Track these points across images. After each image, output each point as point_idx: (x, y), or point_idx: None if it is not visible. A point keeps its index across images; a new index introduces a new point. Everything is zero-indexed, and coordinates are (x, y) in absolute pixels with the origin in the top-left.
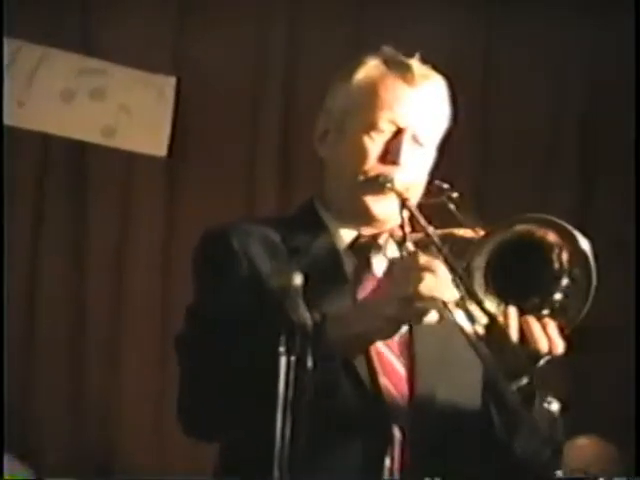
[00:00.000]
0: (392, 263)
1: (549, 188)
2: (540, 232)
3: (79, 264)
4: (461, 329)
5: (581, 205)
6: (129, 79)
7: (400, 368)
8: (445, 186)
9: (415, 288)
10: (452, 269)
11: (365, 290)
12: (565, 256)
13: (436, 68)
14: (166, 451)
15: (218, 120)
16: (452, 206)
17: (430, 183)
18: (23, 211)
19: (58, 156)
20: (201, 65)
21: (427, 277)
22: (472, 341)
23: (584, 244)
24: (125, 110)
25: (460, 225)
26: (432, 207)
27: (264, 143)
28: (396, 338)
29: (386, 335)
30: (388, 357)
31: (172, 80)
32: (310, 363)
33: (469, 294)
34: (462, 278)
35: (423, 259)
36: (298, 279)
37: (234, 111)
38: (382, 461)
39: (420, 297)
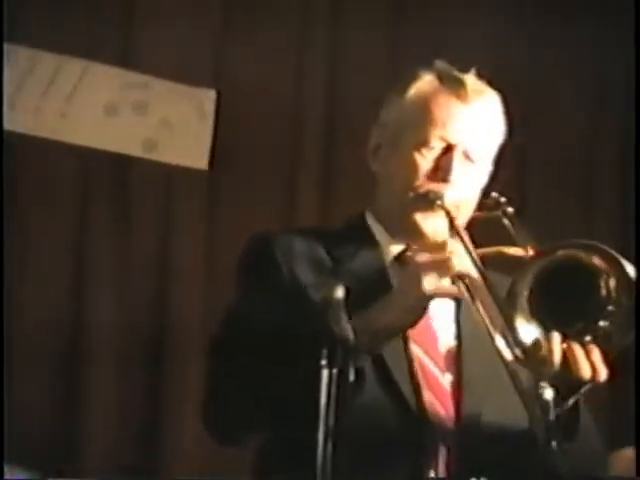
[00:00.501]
0: (414, 251)
1: (589, 203)
2: (587, 258)
3: (122, 277)
4: (500, 356)
5: (622, 223)
6: (170, 93)
7: (445, 383)
8: (502, 200)
9: (445, 262)
10: (493, 296)
11: None
12: (612, 283)
13: (491, 84)
14: (205, 455)
15: (259, 133)
16: (506, 221)
17: (487, 195)
18: (67, 225)
19: (101, 170)
20: (241, 78)
21: (456, 255)
22: (510, 369)
23: (631, 271)
24: (166, 123)
25: (512, 241)
26: (487, 221)
27: (305, 155)
28: (443, 352)
29: (414, 318)
30: (433, 371)
31: (212, 93)
32: (352, 376)
33: (507, 323)
34: (502, 307)
35: (449, 244)
36: (340, 292)
37: (275, 123)
38: (427, 476)
39: (450, 271)
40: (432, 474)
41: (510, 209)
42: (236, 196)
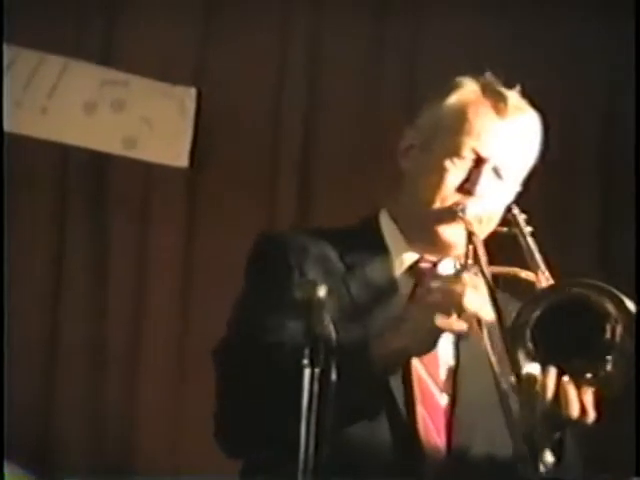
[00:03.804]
0: (433, 277)
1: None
2: (599, 300)
3: (100, 275)
4: (497, 384)
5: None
6: (150, 90)
7: (441, 401)
8: (521, 217)
9: (457, 301)
10: (501, 332)
11: None
12: (619, 330)
13: (535, 104)
14: (182, 455)
15: (239, 131)
16: (522, 241)
17: (509, 210)
18: (44, 219)
19: (78, 167)
20: (222, 76)
21: (469, 292)
22: (502, 396)
23: (633, 310)
24: (146, 121)
25: (525, 263)
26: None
27: (285, 155)
28: (442, 371)
29: (425, 348)
30: (430, 388)
31: (193, 91)
32: (334, 376)
33: (508, 356)
34: (506, 342)
35: (466, 276)
36: (322, 291)
37: (255, 122)
38: None
39: (461, 311)
40: None
41: (528, 228)
42: (216, 195)
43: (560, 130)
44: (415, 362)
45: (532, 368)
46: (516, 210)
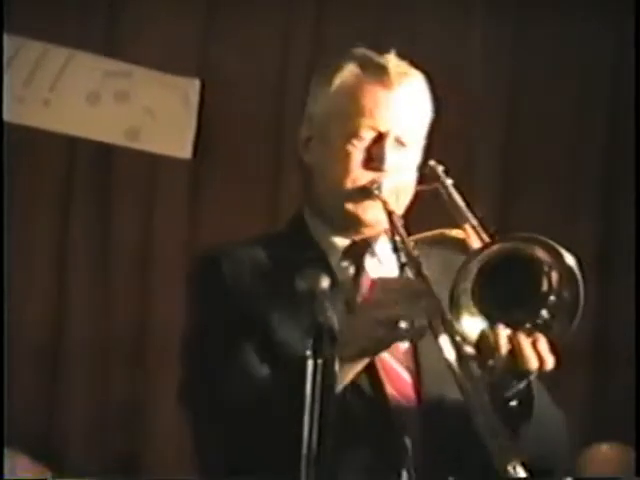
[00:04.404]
0: (374, 283)
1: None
2: (528, 250)
3: (104, 267)
4: (443, 356)
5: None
6: (154, 81)
7: (405, 374)
8: (440, 169)
9: (398, 309)
10: (430, 292)
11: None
12: (555, 275)
13: (413, 63)
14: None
15: (242, 122)
16: (445, 195)
17: (425, 164)
18: (48, 213)
19: (83, 158)
20: (225, 67)
21: (410, 298)
22: (452, 369)
23: (571, 262)
24: (149, 112)
25: (452, 217)
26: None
27: (288, 145)
28: (400, 345)
29: (374, 353)
30: (392, 366)
31: (196, 82)
32: (337, 366)
33: (442, 322)
34: (434, 304)
35: (405, 280)
36: (325, 282)
37: (258, 113)
38: (400, 475)
39: (404, 317)
40: (404, 469)
41: (449, 181)
42: (219, 186)
43: (560, 130)
44: None
45: (479, 327)
46: (432, 162)
